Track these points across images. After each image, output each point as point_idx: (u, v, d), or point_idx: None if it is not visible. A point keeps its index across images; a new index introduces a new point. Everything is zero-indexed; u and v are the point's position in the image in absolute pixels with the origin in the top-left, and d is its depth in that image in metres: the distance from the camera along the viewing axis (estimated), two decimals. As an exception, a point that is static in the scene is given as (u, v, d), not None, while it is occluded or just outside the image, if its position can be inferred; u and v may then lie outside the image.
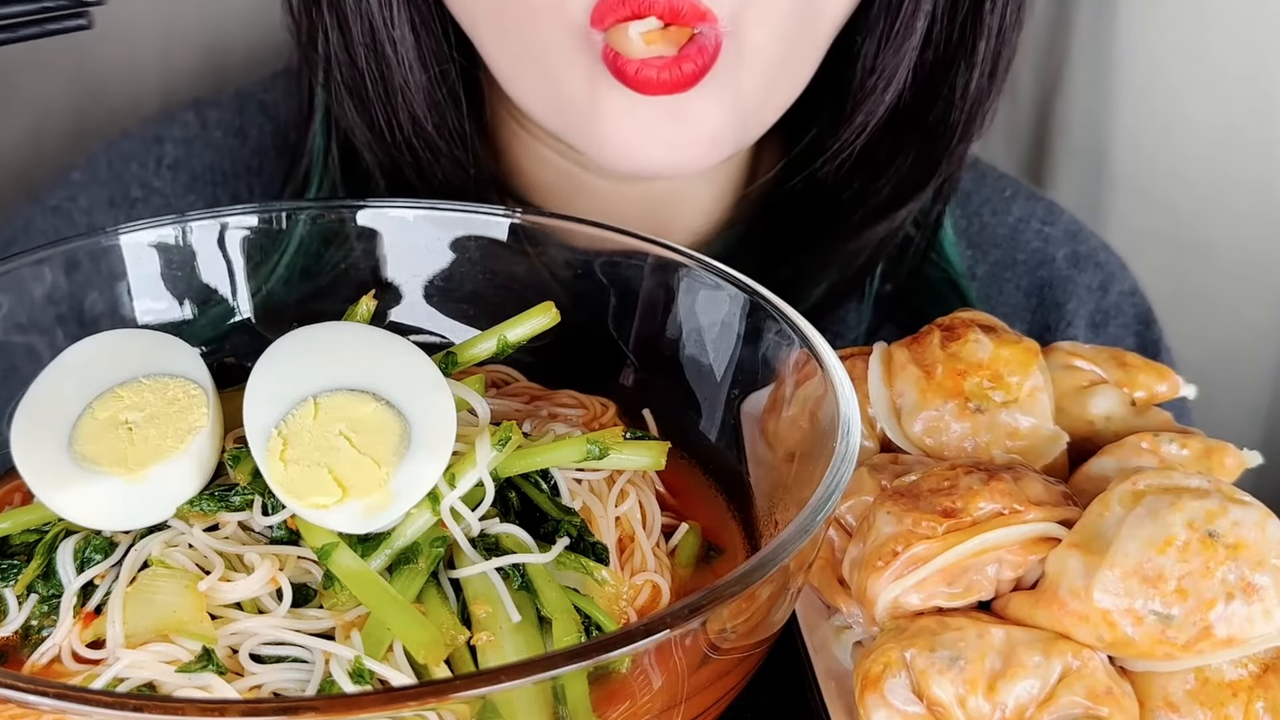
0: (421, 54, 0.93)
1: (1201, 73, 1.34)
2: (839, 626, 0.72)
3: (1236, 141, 1.35)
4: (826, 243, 1.03)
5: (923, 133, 1.00)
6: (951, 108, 0.98)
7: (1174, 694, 0.65)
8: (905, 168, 1.01)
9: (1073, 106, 1.41)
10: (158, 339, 0.73)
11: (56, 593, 0.66)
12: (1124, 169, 1.39)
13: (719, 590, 0.57)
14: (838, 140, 0.99)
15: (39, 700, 0.52)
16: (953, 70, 0.97)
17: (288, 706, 0.54)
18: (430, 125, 0.95)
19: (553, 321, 0.76)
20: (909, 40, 0.94)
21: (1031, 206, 1.16)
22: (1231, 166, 1.35)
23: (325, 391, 0.68)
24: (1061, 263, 1.14)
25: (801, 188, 1.02)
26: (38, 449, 0.68)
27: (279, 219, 0.84)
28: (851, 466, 0.64)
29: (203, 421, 0.68)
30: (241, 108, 1.11)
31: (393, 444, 0.67)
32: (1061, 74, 1.41)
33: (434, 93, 0.95)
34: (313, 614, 0.64)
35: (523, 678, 0.54)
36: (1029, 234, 1.14)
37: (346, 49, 0.93)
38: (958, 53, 0.96)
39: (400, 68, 0.93)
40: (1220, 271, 1.37)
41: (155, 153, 1.08)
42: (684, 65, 0.83)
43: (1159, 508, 0.65)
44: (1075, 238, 1.15)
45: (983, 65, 0.97)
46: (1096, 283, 1.14)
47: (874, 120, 0.97)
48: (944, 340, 0.78)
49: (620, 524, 0.72)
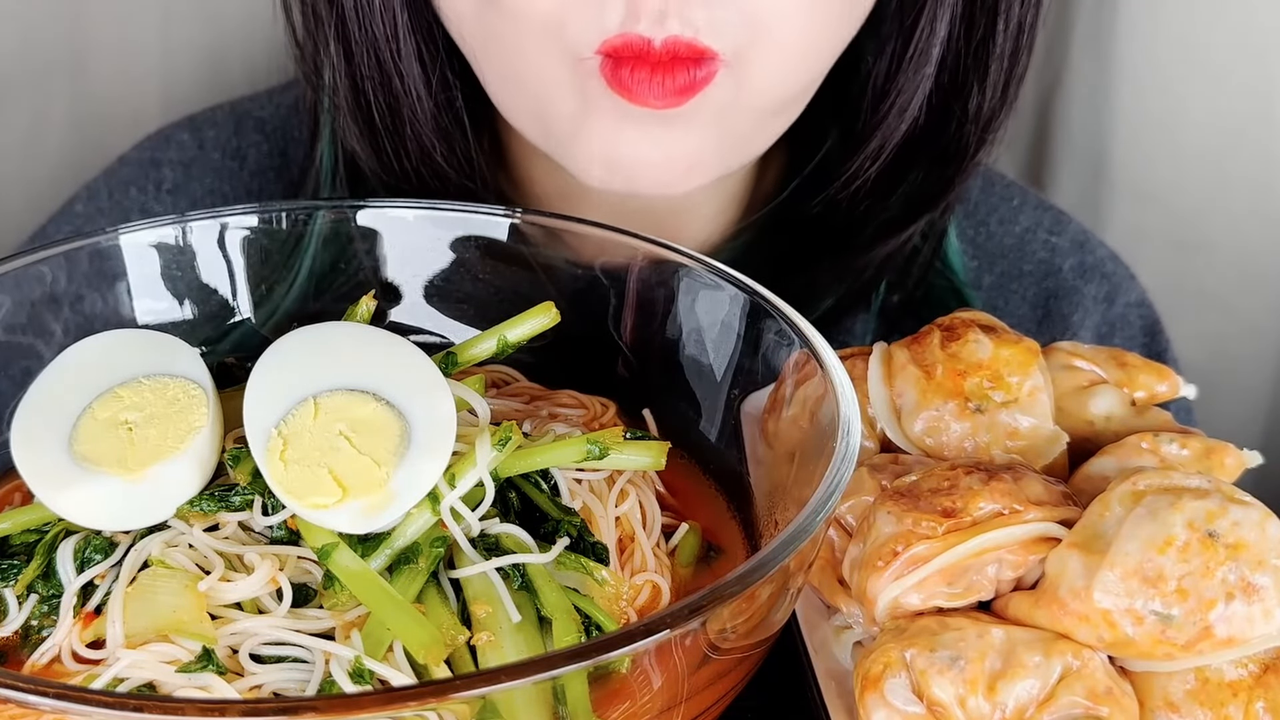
0: (429, 83, 0.93)
1: (1202, 72, 1.34)
2: (839, 626, 0.72)
3: (1237, 141, 1.34)
4: (835, 258, 1.03)
5: (935, 152, 1.00)
6: (964, 128, 0.98)
7: (1174, 694, 0.65)
8: (916, 185, 1.01)
9: (1073, 106, 1.41)
10: (157, 339, 0.73)
11: (56, 593, 0.66)
12: (1124, 168, 1.39)
13: (719, 590, 0.57)
14: (852, 166, 0.98)
15: (39, 700, 0.52)
16: (965, 92, 0.97)
17: (288, 707, 0.54)
18: (439, 154, 0.95)
19: (553, 322, 0.76)
20: (924, 68, 0.94)
21: (1039, 216, 1.15)
22: (1232, 166, 1.35)
23: (325, 391, 0.68)
24: (1068, 273, 1.13)
25: (811, 206, 1.02)
26: (37, 449, 0.68)
27: (278, 218, 0.84)
28: (851, 466, 0.64)
29: (203, 421, 0.68)
30: (238, 126, 1.11)
31: (393, 444, 0.67)
32: (1061, 74, 1.41)
33: (441, 120, 0.94)
34: (313, 614, 0.64)
35: (523, 678, 0.54)
36: (1035, 244, 1.14)
37: (352, 80, 0.93)
38: (970, 76, 0.96)
39: (408, 98, 0.93)
40: (1220, 271, 1.37)
41: (154, 177, 1.08)
42: (677, 77, 0.83)
43: (1159, 508, 0.65)
44: (1083, 248, 1.15)
45: (995, 86, 0.97)
46: (1103, 294, 1.14)
47: (889, 147, 0.97)
48: (944, 340, 0.78)
49: (620, 524, 0.72)
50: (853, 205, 1.01)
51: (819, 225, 1.03)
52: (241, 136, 1.10)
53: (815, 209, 1.02)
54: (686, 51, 0.82)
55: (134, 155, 1.10)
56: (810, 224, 1.03)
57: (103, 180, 1.10)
